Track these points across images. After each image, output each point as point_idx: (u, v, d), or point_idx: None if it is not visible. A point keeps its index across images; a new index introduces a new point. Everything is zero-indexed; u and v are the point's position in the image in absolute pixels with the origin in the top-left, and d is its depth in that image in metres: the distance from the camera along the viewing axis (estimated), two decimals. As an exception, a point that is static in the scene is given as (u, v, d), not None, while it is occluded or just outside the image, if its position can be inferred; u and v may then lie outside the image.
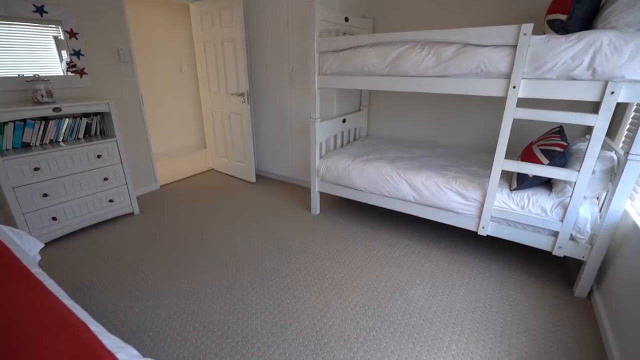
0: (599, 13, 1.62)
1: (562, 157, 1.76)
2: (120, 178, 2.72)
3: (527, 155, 1.92)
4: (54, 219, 2.38)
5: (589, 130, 2.36)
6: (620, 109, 2.01)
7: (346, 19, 2.63)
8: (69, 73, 2.64)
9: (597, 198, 1.90)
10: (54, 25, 2.51)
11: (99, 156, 2.54)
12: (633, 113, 1.91)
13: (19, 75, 2.37)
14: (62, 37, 2.56)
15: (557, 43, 1.56)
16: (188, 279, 2.02)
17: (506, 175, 2.07)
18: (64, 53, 2.59)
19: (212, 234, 2.55)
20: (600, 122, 1.55)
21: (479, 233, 2.05)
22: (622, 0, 1.48)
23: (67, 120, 2.49)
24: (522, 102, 1.85)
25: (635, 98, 1.48)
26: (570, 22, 1.60)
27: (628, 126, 1.95)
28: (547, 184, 1.97)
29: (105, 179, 2.62)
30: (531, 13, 2.38)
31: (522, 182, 1.88)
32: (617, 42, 1.44)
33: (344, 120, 2.94)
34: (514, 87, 1.70)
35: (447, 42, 1.85)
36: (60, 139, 2.51)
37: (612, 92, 1.49)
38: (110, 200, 2.69)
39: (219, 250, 2.32)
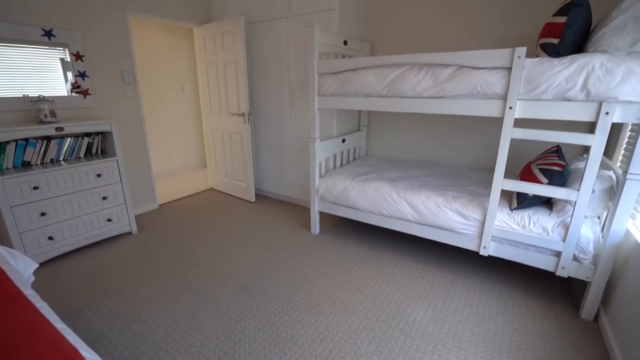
0: (589, 37, 1.67)
1: (561, 177, 1.77)
2: (119, 197, 2.71)
3: (526, 175, 1.93)
4: (51, 238, 2.35)
5: (586, 149, 2.39)
6: (616, 128, 2.04)
7: (345, 42, 2.71)
8: (73, 93, 2.69)
9: (598, 217, 1.89)
10: (61, 48, 2.58)
11: (98, 175, 2.55)
12: (629, 133, 1.94)
13: (24, 95, 2.41)
14: (69, 59, 2.63)
15: (550, 65, 1.60)
16: (184, 300, 1.97)
17: (506, 195, 2.07)
18: (70, 74, 2.65)
19: (210, 254, 2.51)
20: (597, 142, 1.56)
21: (480, 253, 2.03)
22: (610, 25, 1.53)
23: (68, 139, 2.51)
24: (519, 122, 1.88)
25: (630, 118, 1.51)
26: (562, 45, 1.64)
27: (624, 145, 1.97)
28: (548, 203, 1.97)
29: (104, 198, 2.61)
30: (523, 38, 2.46)
31: (522, 201, 1.87)
32: (608, 65, 1.47)
33: (343, 140, 2.97)
34: (510, 107, 1.73)
35: (444, 64, 1.90)
36: (61, 158, 2.52)
37: (607, 113, 1.52)
38: (109, 220, 2.67)
39: (216, 271, 2.28)
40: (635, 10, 1.45)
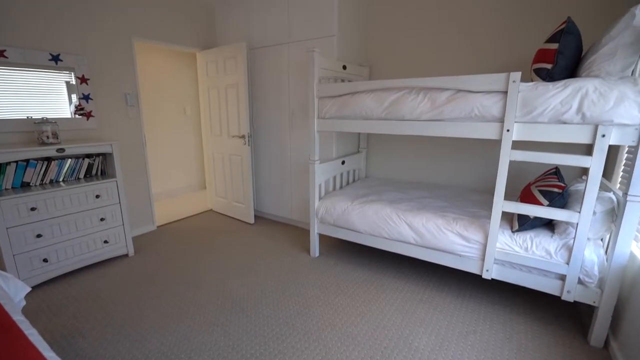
0: (581, 62, 1.72)
1: (561, 198, 1.76)
2: (117, 218, 2.69)
3: (526, 196, 1.92)
4: (45, 260, 2.30)
5: (585, 171, 2.40)
6: (614, 149, 2.05)
7: (344, 67, 2.79)
8: (77, 115, 2.73)
9: (601, 240, 1.87)
10: (67, 72, 2.65)
11: (97, 196, 2.54)
12: (626, 154, 1.96)
13: (27, 117, 2.44)
14: (74, 82, 2.69)
15: (545, 89, 1.64)
16: (179, 326, 1.91)
17: (507, 217, 2.05)
18: (74, 97, 2.71)
19: (207, 278, 2.46)
20: (595, 164, 1.57)
21: (483, 276, 1.99)
22: (601, 52, 1.58)
23: (69, 160, 2.52)
24: (518, 145, 1.90)
25: (626, 141, 1.53)
26: (555, 70, 1.69)
27: (622, 167, 1.98)
28: (549, 225, 1.95)
29: (102, 219, 2.59)
30: (516, 63, 2.53)
31: (524, 223, 1.86)
32: (602, 89, 1.51)
33: (343, 162, 2.98)
34: (508, 130, 1.75)
35: (441, 88, 1.94)
36: (61, 179, 2.52)
37: (603, 135, 1.54)
38: (105, 241, 2.63)
39: (212, 295, 2.22)
40: (624, 37, 1.50)
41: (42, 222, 2.27)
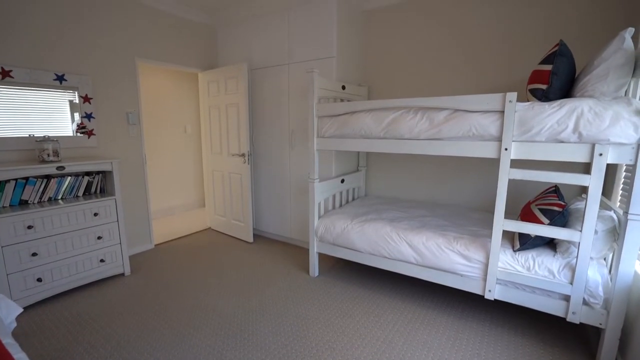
0: (575, 83, 1.76)
1: (562, 217, 1.75)
2: (115, 237, 2.66)
3: (527, 215, 1.91)
4: (39, 280, 2.26)
5: (584, 189, 2.40)
6: (612, 167, 2.06)
7: (343, 87, 2.84)
8: (78, 134, 2.75)
9: (604, 259, 1.84)
10: (71, 91, 2.69)
11: (95, 214, 2.52)
12: (624, 173, 1.96)
13: (29, 135, 2.46)
14: (77, 101, 2.73)
15: (541, 109, 1.66)
16: (174, 349, 1.85)
17: (508, 235, 2.03)
18: (77, 115, 2.74)
19: (204, 298, 2.40)
20: (594, 182, 1.57)
21: (485, 297, 1.95)
22: (594, 73, 1.62)
23: (69, 178, 2.52)
24: (516, 163, 1.91)
25: (624, 159, 1.53)
26: (550, 90, 1.72)
27: (622, 185, 1.98)
28: (551, 244, 1.93)
29: (99, 237, 2.56)
30: (512, 84, 2.59)
31: (525, 242, 1.84)
32: (596, 109, 1.53)
33: (342, 181, 2.99)
34: (506, 149, 1.76)
35: (439, 108, 1.97)
36: (60, 197, 2.51)
37: (601, 154, 1.55)
38: (102, 260, 2.59)
39: (209, 316, 2.17)
40: (615, 59, 1.54)
41: (38, 241, 2.24)
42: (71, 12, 2.64)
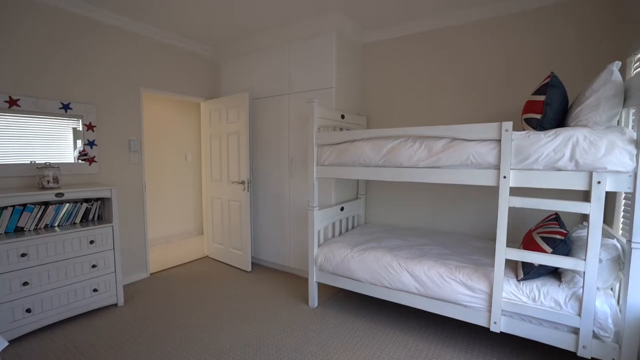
0: (568, 112, 1.81)
1: (565, 245, 1.73)
2: (110, 265, 2.60)
3: (529, 243, 1.89)
4: (28, 310, 2.18)
5: (584, 216, 2.39)
6: (612, 194, 2.07)
7: (342, 116, 2.91)
8: (80, 161, 2.77)
9: (612, 289, 1.80)
10: (75, 119, 2.74)
11: (91, 242, 2.48)
12: (624, 200, 1.96)
13: (31, 161, 2.48)
14: (81, 129, 2.77)
15: (537, 138, 1.69)
16: (165, 386, 1.75)
17: (511, 265, 2.00)
18: (79, 142, 2.77)
19: (199, 331, 2.31)
20: (594, 210, 1.57)
21: (491, 329, 1.88)
22: (586, 103, 1.67)
23: (66, 205, 2.51)
24: (516, 191, 1.91)
25: (622, 187, 1.54)
26: (545, 120, 1.77)
27: (622, 213, 1.98)
28: (555, 273, 1.89)
29: (94, 266, 2.50)
30: (507, 113, 2.66)
31: (529, 271, 1.80)
32: (591, 138, 1.56)
33: (342, 209, 2.97)
34: (504, 177, 1.77)
35: (437, 137, 2.00)
36: (56, 224, 2.48)
37: (599, 182, 1.56)
38: (95, 290, 2.51)
39: (204, 351, 2.07)
40: (605, 90, 1.59)
41: (31, 269, 2.18)
42: (81, 45, 2.75)
